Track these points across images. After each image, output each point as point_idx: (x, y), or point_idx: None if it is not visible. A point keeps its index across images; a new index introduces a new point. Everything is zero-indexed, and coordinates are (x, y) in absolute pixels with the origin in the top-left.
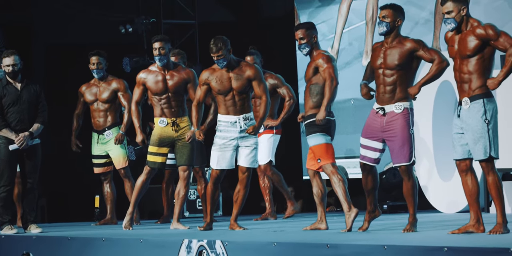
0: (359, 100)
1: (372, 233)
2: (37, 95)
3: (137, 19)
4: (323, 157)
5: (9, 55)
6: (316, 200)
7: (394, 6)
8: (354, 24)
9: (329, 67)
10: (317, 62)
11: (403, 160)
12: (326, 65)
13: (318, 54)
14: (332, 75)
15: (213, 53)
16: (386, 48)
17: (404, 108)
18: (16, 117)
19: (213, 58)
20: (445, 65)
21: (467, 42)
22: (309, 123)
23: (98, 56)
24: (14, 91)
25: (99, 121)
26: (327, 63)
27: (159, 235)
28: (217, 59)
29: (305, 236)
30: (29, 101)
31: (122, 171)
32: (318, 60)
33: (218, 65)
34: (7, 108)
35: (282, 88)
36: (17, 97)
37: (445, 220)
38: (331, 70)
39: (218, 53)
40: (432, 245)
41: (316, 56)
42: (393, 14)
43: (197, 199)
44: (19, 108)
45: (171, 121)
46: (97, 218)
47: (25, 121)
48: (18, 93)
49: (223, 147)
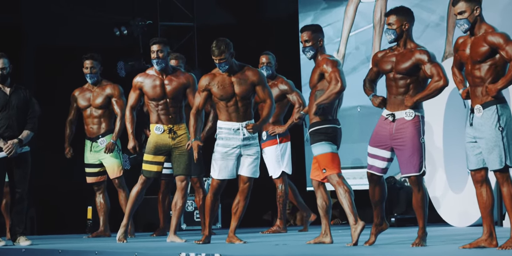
0: (366, 107)
1: (379, 248)
2: (26, 100)
3: (132, 21)
4: (329, 167)
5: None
6: (321, 212)
7: (398, 10)
8: (361, 28)
9: (334, 71)
10: (322, 67)
11: (412, 170)
12: (331, 69)
13: (323, 59)
14: (338, 78)
15: (215, 56)
16: (398, 53)
17: (415, 115)
18: (5, 123)
19: (215, 61)
20: (441, 85)
21: (478, 48)
22: (314, 131)
23: (92, 60)
24: (3, 96)
25: (93, 128)
26: (333, 67)
27: (155, 248)
28: (219, 63)
29: (309, 250)
30: (18, 106)
31: (116, 180)
32: (322, 65)
33: (220, 69)
34: None
35: (292, 94)
36: (5, 102)
37: (456, 234)
38: (337, 73)
39: (221, 56)
40: None
41: (321, 61)
42: (398, 19)
43: (195, 210)
44: (7, 114)
45: (168, 128)
46: (90, 230)
47: (13, 127)
48: (7, 98)
49: (226, 156)
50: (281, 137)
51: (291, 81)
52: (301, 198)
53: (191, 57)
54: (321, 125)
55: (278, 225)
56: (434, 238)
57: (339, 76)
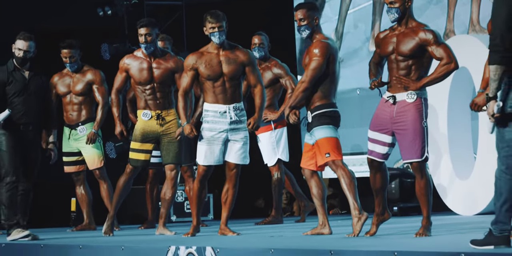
0: (365, 90)
1: (381, 238)
2: (44, 87)
3: (117, 1)
4: (334, 151)
5: (25, 38)
6: (316, 202)
7: None
8: (359, 5)
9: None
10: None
11: (414, 156)
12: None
13: (316, 42)
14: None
15: (212, 23)
16: (399, 33)
17: (417, 97)
18: (21, 109)
19: (209, 30)
20: (452, 67)
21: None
22: (320, 114)
23: (69, 49)
24: (22, 80)
25: (72, 115)
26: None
27: (143, 241)
28: (216, 31)
29: (306, 241)
30: (36, 92)
31: (97, 171)
32: (312, 50)
33: (215, 39)
34: (12, 98)
35: (285, 78)
36: (23, 87)
37: (463, 223)
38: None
39: (220, 23)
40: (447, 251)
41: (314, 44)
42: None
43: (185, 201)
44: (25, 99)
45: (156, 114)
46: (74, 223)
47: (30, 115)
48: (25, 82)
49: (212, 140)
50: (276, 122)
51: (285, 65)
52: (299, 187)
53: (179, 38)
54: (327, 108)
55: (274, 215)
56: (439, 228)
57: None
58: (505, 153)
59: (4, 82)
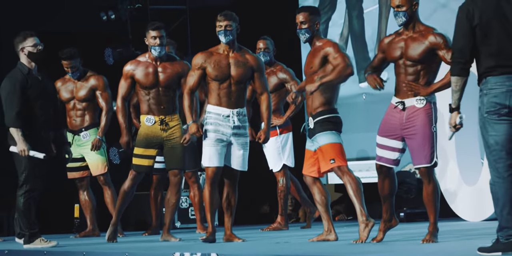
0: (371, 95)
1: (387, 245)
2: (54, 90)
3: (120, 5)
4: (339, 157)
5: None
6: (320, 208)
7: None
8: (366, 9)
9: (342, 55)
10: (326, 50)
11: (423, 161)
12: (337, 53)
13: (326, 42)
14: (348, 62)
15: (220, 22)
16: (406, 38)
17: (426, 102)
18: (43, 115)
19: (217, 28)
20: None
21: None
22: (323, 119)
23: (69, 60)
24: (38, 82)
25: (76, 120)
26: (339, 52)
27: (147, 248)
28: (222, 30)
29: (312, 248)
30: (52, 96)
31: (102, 177)
32: (326, 48)
33: (223, 38)
34: (33, 102)
35: (291, 83)
36: (41, 89)
37: (470, 229)
38: (345, 58)
39: (228, 22)
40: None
41: (324, 44)
42: (407, 0)
43: (190, 207)
44: (43, 104)
45: (159, 120)
46: (77, 229)
47: (49, 121)
48: (42, 85)
49: (217, 142)
50: (282, 128)
51: (291, 70)
52: (304, 192)
53: (184, 43)
54: (330, 113)
55: (279, 221)
56: (446, 234)
57: (349, 60)
58: (493, 157)
59: (24, 85)
